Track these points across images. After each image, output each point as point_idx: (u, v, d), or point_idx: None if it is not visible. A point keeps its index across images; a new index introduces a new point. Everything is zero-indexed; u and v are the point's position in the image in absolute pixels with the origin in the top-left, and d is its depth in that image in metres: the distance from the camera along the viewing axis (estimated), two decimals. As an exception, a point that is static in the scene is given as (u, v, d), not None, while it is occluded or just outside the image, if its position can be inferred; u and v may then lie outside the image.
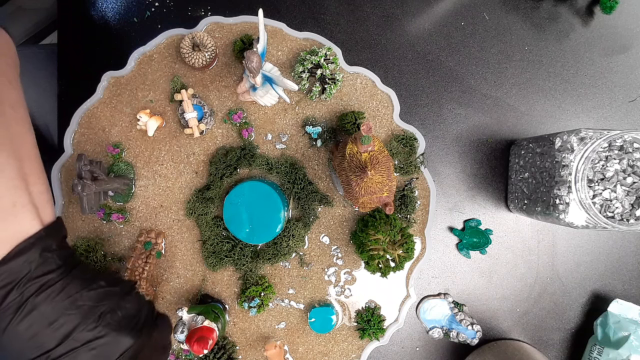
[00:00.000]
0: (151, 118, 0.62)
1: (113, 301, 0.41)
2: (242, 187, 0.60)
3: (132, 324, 0.41)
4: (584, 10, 0.67)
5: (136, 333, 0.40)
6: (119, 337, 0.39)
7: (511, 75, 0.67)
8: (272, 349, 0.62)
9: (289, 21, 0.64)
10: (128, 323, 0.41)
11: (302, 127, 0.64)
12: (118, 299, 0.41)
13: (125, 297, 0.42)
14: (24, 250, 0.37)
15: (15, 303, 0.37)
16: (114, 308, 0.40)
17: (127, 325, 0.40)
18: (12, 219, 0.38)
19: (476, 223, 0.66)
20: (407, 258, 0.56)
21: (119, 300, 0.41)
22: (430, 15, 0.66)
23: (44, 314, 0.37)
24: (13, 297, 0.36)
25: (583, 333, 0.67)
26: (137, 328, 0.41)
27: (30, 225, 0.39)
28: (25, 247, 0.37)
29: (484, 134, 0.67)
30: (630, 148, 0.50)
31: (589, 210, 0.48)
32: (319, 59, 0.60)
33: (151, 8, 0.65)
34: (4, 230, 0.37)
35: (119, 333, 0.39)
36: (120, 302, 0.41)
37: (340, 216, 0.65)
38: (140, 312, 0.42)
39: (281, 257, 0.63)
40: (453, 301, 0.66)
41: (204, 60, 0.60)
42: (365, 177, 0.49)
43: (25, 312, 0.37)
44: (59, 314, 0.37)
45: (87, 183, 0.57)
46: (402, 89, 0.66)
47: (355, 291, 0.65)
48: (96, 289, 0.40)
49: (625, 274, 0.67)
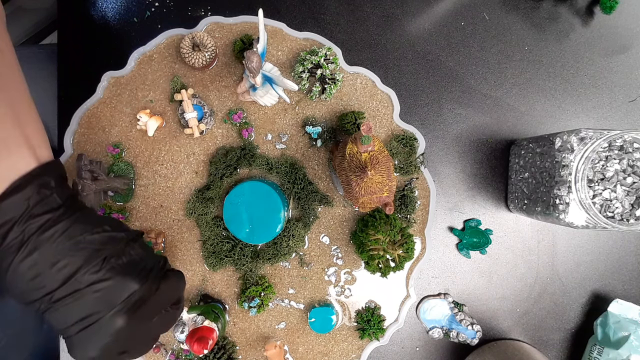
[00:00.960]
0: (151, 118, 0.62)
1: (118, 246, 0.40)
2: (242, 187, 0.60)
3: (138, 269, 0.40)
4: (584, 10, 0.67)
5: (142, 279, 0.39)
6: (124, 280, 0.38)
7: (511, 75, 0.67)
8: (272, 349, 0.62)
9: (289, 21, 0.64)
10: (134, 268, 0.40)
11: (302, 127, 0.64)
12: (123, 244, 0.40)
13: (130, 243, 0.41)
14: (20, 187, 0.36)
15: (17, 242, 0.36)
16: (119, 253, 0.40)
17: (133, 270, 0.39)
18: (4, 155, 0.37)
19: (476, 223, 0.66)
20: (407, 258, 0.56)
21: (124, 245, 0.40)
22: (430, 15, 0.66)
23: (46, 254, 0.36)
24: (14, 236, 0.36)
25: (583, 333, 0.67)
26: (143, 273, 0.40)
27: (25, 163, 0.38)
28: (21, 184, 0.37)
29: (484, 134, 0.67)
30: (630, 148, 0.50)
31: (589, 210, 0.48)
32: (319, 59, 0.60)
33: (151, 8, 0.65)
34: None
35: (124, 277, 0.38)
36: (125, 248, 0.40)
37: (340, 216, 0.65)
38: (146, 260, 0.41)
39: (281, 257, 0.63)
40: (453, 301, 0.66)
41: (204, 60, 0.60)
42: (365, 177, 0.49)
43: (28, 252, 0.36)
44: (62, 255, 0.37)
45: (87, 183, 0.57)
46: (402, 89, 0.66)
47: (355, 291, 0.65)
48: (100, 232, 0.39)
49: (625, 274, 0.67)
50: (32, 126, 0.41)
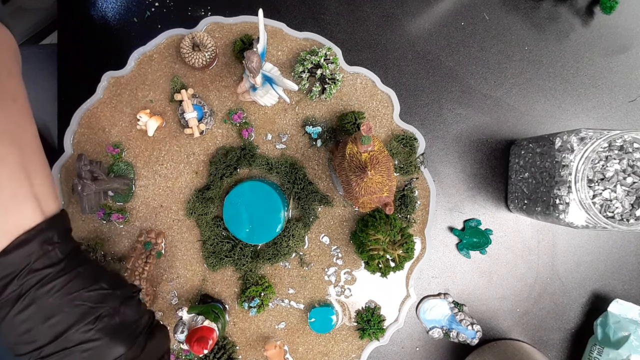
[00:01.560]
0: (151, 118, 0.62)
1: (113, 305, 0.40)
2: (242, 187, 0.60)
3: (128, 331, 0.40)
4: (584, 10, 0.67)
5: (130, 341, 0.40)
6: (112, 343, 0.39)
7: (511, 75, 0.67)
8: (272, 349, 0.62)
9: (289, 21, 0.64)
10: (124, 330, 0.40)
11: (302, 127, 0.64)
12: (119, 303, 0.41)
13: (126, 301, 0.42)
14: (24, 242, 0.37)
15: (15, 295, 0.36)
16: (113, 313, 0.40)
17: (123, 332, 0.40)
18: (12, 210, 0.37)
19: (476, 223, 0.66)
20: (407, 258, 0.56)
21: (119, 304, 0.41)
22: (430, 15, 0.66)
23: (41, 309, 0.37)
24: (12, 289, 0.36)
25: (583, 333, 0.67)
26: (132, 336, 0.40)
27: (32, 217, 0.38)
28: (25, 239, 0.37)
29: (484, 134, 0.67)
30: (630, 148, 0.50)
31: (589, 210, 0.48)
32: (319, 59, 0.60)
33: (151, 8, 0.65)
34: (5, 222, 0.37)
35: (112, 339, 0.39)
36: (120, 307, 0.41)
37: (340, 216, 0.65)
38: (139, 321, 0.42)
39: (281, 257, 0.63)
40: (453, 301, 0.66)
41: (204, 60, 0.60)
42: (365, 177, 0.49)
43: (24, 305, 0.36)
44: (57, 311, 0.37)
45: (87, 183, 0.57)
46: (402, 89, 0.66)
47: (355, 291, 0.65)
48: (97, 289, 0.40)
49: (625, 274, 0.67)
50: (40, 177, 0.41)
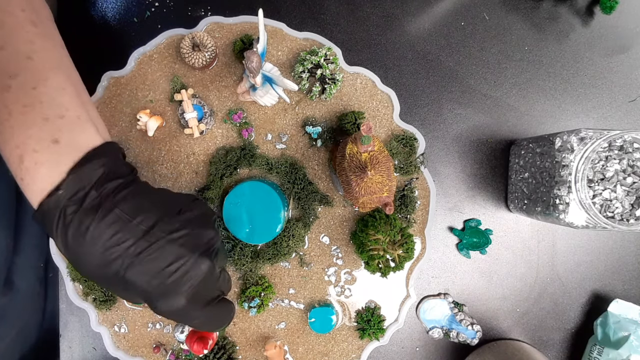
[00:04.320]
0: (151, 118, 0.62)
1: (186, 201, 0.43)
2: (242, 187, 0.60)
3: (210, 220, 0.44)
4: (584, 10, 0.67)
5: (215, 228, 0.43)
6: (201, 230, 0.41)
7: (511, 75, 0.67)
8: (272, 349, 0.62)
9: (289, 21, 0.64)
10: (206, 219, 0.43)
11: (302, 127, 0.64)
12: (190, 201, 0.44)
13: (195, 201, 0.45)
14: (95, 155, 0.39)
15: (96, 202, 0.38)
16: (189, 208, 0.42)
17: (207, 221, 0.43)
18: (79, 129, 0.40)
19: (476, 223, 0.66)
20: (407, 258, 0.56)
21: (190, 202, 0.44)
22: (430, 15, 0.66)
23: (124, 210, 0.38)
24: (92, 197, 0.38)
25: (583, 333, 0.67)
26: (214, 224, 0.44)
27: (94, 138, 0.41)
28: (96, 153, 0.39)
29: (484, 134, 0.67)
30: (630, 148, 0.50)
31: (589, 210, 0.48)
32: (319, 59, 0.60)
33: (151, 8, 0.65)
34: (75, 138, 0.39)
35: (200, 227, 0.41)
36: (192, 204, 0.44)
37: (340, 216, 0.65)
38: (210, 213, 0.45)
39: (281, 257, 0.63)
40: (453, 301, 0.66)
41: (204, 60, 0.60)
42: (365, 177, 0.49)
43: (107, 210, 0.37)
44: (139, 210, 0.39)
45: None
46: (402, 89, 0.66)
47: (355, 291, 0.65)
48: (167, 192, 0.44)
49: (625, 274, 0.67)
50: (92, 108, 0.44)
